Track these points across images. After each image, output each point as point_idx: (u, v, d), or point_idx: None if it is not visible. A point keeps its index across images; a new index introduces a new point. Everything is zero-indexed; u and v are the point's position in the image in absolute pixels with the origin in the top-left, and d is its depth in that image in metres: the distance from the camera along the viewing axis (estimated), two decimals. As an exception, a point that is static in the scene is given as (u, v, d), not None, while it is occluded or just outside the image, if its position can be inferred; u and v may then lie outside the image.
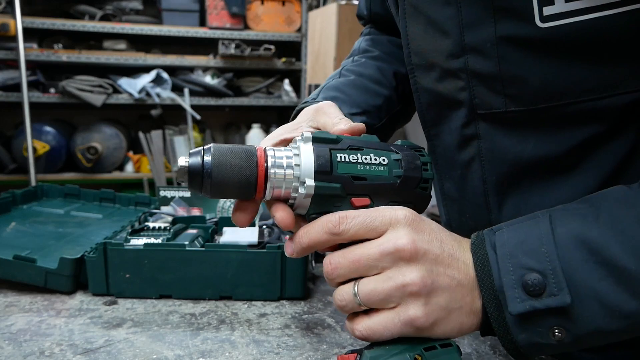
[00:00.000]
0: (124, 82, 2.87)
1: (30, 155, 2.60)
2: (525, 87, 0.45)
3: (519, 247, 0.39)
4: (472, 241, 0.42)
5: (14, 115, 2.79)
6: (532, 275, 0.38)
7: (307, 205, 0.43)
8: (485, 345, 0.62)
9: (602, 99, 0.43)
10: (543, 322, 0.38)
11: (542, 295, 0.37)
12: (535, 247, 0.39)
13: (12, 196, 1.02)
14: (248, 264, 0.73)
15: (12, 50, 2.62)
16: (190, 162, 0.42)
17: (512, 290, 0.38)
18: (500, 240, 0.40)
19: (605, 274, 0.37)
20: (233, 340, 0.62)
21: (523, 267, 0.38)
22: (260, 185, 0.43)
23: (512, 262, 0.39)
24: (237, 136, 3.31)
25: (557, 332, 0.38)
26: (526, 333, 0.39)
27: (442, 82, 0.52)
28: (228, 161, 0.42)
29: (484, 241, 0.41)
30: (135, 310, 0.70)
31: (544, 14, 0.42)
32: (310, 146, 0.43)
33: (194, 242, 0.77)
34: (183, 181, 0.42)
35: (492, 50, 0.46)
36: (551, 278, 0.37)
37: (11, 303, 0.71)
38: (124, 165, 2.99)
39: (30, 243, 0.84)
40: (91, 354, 0.58)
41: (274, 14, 3.08)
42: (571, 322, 0.38)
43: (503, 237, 0.40)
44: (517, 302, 0.38)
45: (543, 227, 0.39)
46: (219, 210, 1.02)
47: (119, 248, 0.73)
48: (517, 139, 0.49)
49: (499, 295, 0.39)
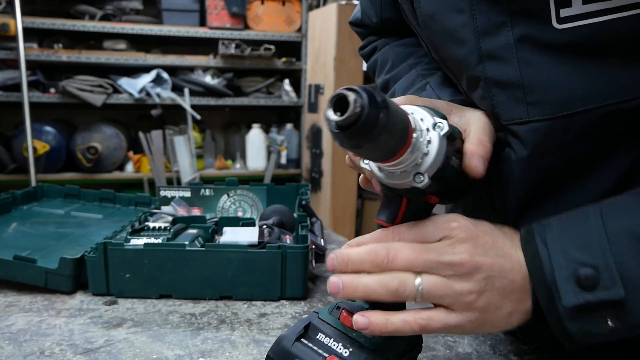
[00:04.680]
0: (124, 82, 2.87)
1: (30, 155, 2.60)
2: (546, 93, 0.44)
3: (571, 242, 0.40)
4: (521, 236, 0.43)
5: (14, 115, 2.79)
6: (585, 270, 0.38)
7: (397, 187, 0.41)
8: (485, 345, 0.62)
9: (627, 102, 0.42)
10: (596, 314, 0.39)
11: (595, 289, 0.38)
12: (588, 242, 0.39)
13: (12, 197, 1.02)
14: (248, 264, 0.73)
15: (12, 50, 2.62)
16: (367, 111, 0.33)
17: (565, 284, 0.39)
18: (551, 235, 0.41)
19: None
20: (233, 340, 0.62)
21: (576, 262, 0.39)
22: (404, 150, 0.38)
23: (565, 257, 0.39)
24: (237, 136, 3.30)
25: (610, 322, 0.39)
26: (579, 323, 0.40)
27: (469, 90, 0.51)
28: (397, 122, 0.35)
29: (534, 236, 0.42)
30: (136, 310, 0.70)
31: (561, 15, 0.41)
32: (444, 143, 0.40)
33: (194, 242, 0.77)
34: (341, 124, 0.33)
35: (510, 55, 0.45)
36: (604, 272, 0.38)
37: (11, 303, 0.71)
38: (124, 165, 2.99)
39: (31, 243, 0.84)
40: (91, 353, 0.58)
41: (274, 14, 3.08)
42: (624, 313, 0.38)
43: (553, 232, 0.41)
44: (571, 295, 0.39)
45: (594, 222, 0.40)
46: (219, 210, 1.02)
47: (119, 248, 0.73)
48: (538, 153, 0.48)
49: (552, 288, 0.40)
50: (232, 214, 1.02)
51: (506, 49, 0.45)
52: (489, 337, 0.64)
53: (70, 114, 3.07)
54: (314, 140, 3.01)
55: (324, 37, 2.80)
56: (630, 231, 0.38)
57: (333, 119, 0.33)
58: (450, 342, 0.62)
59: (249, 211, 1.03)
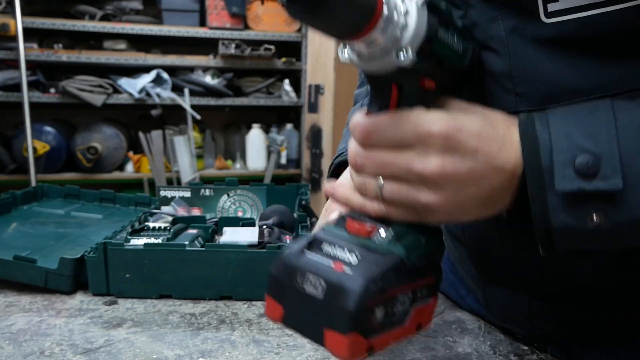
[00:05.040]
0: (124, 82, 2.87)
1: (30, 155, 2.60)
2: (535, 84, 0.45)
3: (576, 129, 0.38)
4: (520, 120, 0.41)
5: (14, 115, 2.79)
6: (586, 156, 0.37)
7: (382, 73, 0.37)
8: (485, 345, 0.62)
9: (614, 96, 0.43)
10: (586, 206, 0.37)
11: (593, 178, 0.37)
12: (594, 130, 0.37)
13: (12, 197, 1.02)
14: (248, 264, 0.73)
15: (12, 50, 2.62)
16: None
17: (562, 168, 0.37)
18: (554, 120, 0.39)
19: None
20: (233, 340, 0.62)
21: (578, 147, 0.37)
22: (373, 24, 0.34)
23: (567, 142, 0.38)
24: (237, 136, 3.31)
25: (595, 218, 0.37)
26: (565, 215, 0.38)
27: None
28: None
29: (534, 120, 0.40)
30: (135, 310, 0.70)
31: (549, 10, 0.42)
32: (424, 12, 0.36)
33: (194, 242, 0.77)
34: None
35: (502, 47, 0.45)
36: (606, 161, 0.36)
37: (11, 303, 0.71)
38: (124, 165, 2.99)
39: (31, 243, 0.84)
40: (91, 353, 0.58)
41: (274, 14, 3.08)
42: (614, 208, 0.37)
43: (557, 118, 0.39)
44: (566, 180, 0.37)
45: (604, 113, 0.38)
46: (219, 211, 1.02)
47: (119, 248, 0.73)
48: None
49: (545, 173, 0.38)
50: (232, 214, 1.02)
51: (498, 41, 0.46)
52: (489, 337, 0.64)
53: (70, 114, 3.07)
54: (314, 140, 3.01)
55: (324, 37, 2.79)
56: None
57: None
58: (450, 342, 0.62)
59: (249, 211, 1.03)
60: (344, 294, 0.37)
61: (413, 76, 0.38)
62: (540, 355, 0.60)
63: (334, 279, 0.38)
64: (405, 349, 0.60)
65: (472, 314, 0.70)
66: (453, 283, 0.75)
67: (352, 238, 0.41)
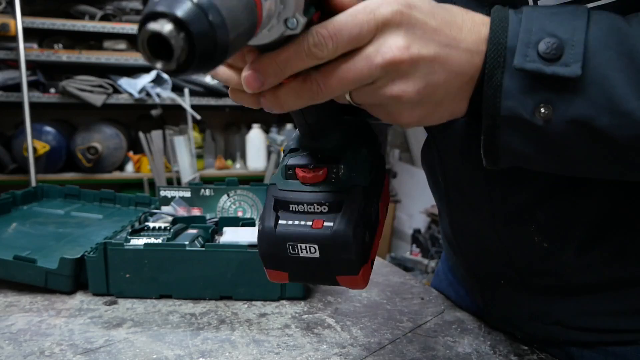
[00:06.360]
0: (124, 82, 2.87)
1: (30, 155, 2.60)
2: None
3: (548, 16, 0.37)
4: (492, 10, 0.39)
5: (14, 115, 2.79)
6: (551, 40, 0.36)
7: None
8: (485, 345, 0.62)
9: None
10: (538, 94, 0.36)
11: (554, 62, 0.36)
12: (566, 19, 0.37)
13: (13, 197, 1.02)
14: (248, 264, 0.73)
15: (12, 50, 2.61)
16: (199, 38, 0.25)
17: (525, 48, 0.36)
18: (529, 9, 0.38)
19: (623, 66, 0.35)
20: (233, 340, 0.62)
21: (545, 32, 0.36)
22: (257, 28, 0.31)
23: (537, 24, 0.37)
24: (237, 136, 3.30)
25: (543, 110, 0.36)
26: (514, 100, 0.37)
27: None
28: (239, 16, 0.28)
29: (506, 6, 0.39)
30: (135, 310, 0.70)
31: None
32: None
33: (194, 242, 0.77)
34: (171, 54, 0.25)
35: None
36: (570, 49, 0.36)
37: (11, 303, 0.71)
38: (124, 165, 2.99)
39: (31, 243, 0.84)
40: (91, 353, 0.58)
41: (274, 14, 3.08)
42: (566, 100, 0.36)
43: (532, 8, 0.38)
44: (526, 59, 0.36)
45: (581, 10, 0.37)
46: (219, 210, 1.02)
47: (119, 248, 0.73)
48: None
49: (507, 53, 0.37)
50: (232, 214, 1.02)
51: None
52: (489, 337, 0.64)
53: (70, 114, 3.07)
54: (314, 140, 3.00)
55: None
56: (615, 25, 0.36)
57: (163, 68, 0.26)
58: (450, 342, 0.62)
59: (249, 211, 1.03)
60: (339, 248, 0.39)
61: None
62: (540, 355, 0.60)
63: (322, 238, 0.40)
64: (405, 349, 0.60)
65: (472, 314, 0.70)
66: (453, 283, 0.75)
67: (309, 187, 0.42)
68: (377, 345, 0.61)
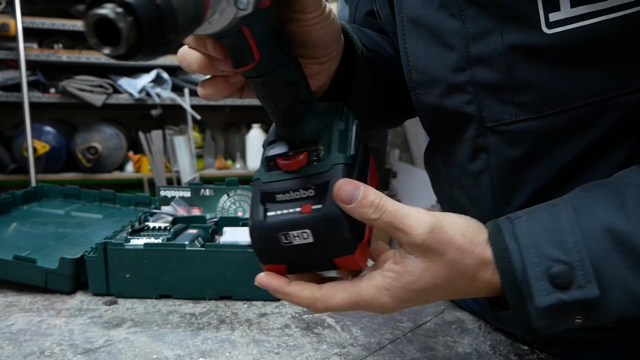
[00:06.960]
0: (124, 82, 2.87)
1: (30, 155, 2.60)
2: (534, 94, 0.45)
3: (543, 238, 0.39)
4: (489, 231, 0.42)
5: (14, 115, 2.79)
6: (559, 267, 0.37)
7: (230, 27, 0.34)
8: (485, 345, 0.62)
9: (612, 99, 0.43)
10: (567, 312, 0.38)
11: (569, 288, 0.37)
12: (561, 237, 0.38)
13: (13, 197, 1.02)
14: (248, 264, 0.73)
15: (12, 50, 2.61)
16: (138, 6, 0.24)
17: (538, 282, 0.38)
18: (520, 229, 0.40)
19: (631, 263, 0.37)
20: (233, 340, 0.62)
21: (549, 259, 0.38)
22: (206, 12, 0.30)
23: (537, 253, 0.38)
24: (237, 136, 3.30)
25: (578, 319, 0.38)
26: (547, 321, 0.39)
27: (448, 97, 0.51)
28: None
29: (502, 231, 0.41)
30: (135, 310, 0.70)
31: (550, 20, 0.41)
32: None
33: (194, 242, 0.77)
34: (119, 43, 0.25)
35: (499, 60, 0.45)
36: (579, 270, 0.37)
37: (11, 303, 0.71)
38: (124, 165, 2.98)
39: (31, 243, 0.84)
40: (91, 353, 0.58)
41: (274, 14, 3.08)
42: (595, 312, 0.38)
43: (522, 227, 0.40)
44: (544, 294, 0.38)
45: (566, 216, 0.39)
46: (219, 210, 1.02)
47: (119, 248, 0.73)
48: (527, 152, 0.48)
49: (522, 286, 0.39)
50: (232, 214, 1.02)
51: (495, 54, 0.45)
52: (489, 337, 0.64)
53: (70, 114, 3.07)
54: (314, 140, 3.00)
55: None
56: (606, 227, 0.38)
57: (111, 54, 0.25)
58: (450, 342, 0.62)
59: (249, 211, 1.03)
60: (331, 229, 0.39)
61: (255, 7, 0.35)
62: (540, 355, 0.60)
63: (313, 221, 0.39)
64: (405, 348, 0.60)
65: (472, 314, 0.70)
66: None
67: (292, 174, 0.42)
68: (377, 345, 0.61)
